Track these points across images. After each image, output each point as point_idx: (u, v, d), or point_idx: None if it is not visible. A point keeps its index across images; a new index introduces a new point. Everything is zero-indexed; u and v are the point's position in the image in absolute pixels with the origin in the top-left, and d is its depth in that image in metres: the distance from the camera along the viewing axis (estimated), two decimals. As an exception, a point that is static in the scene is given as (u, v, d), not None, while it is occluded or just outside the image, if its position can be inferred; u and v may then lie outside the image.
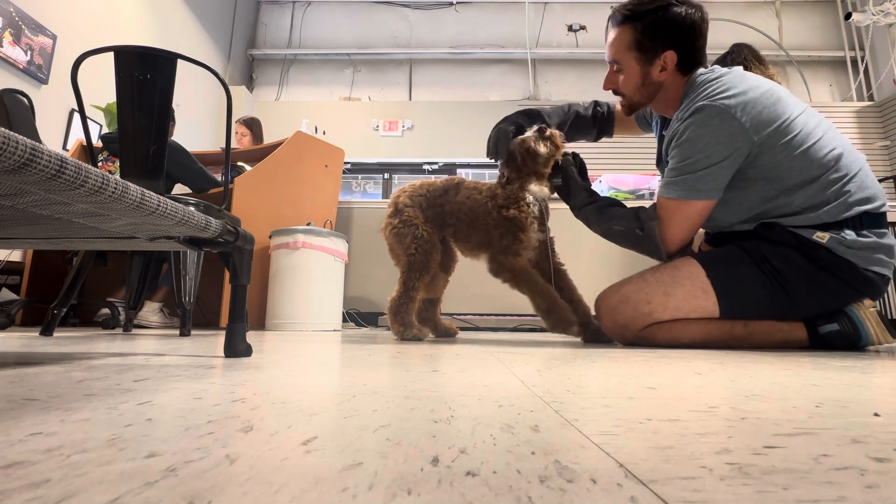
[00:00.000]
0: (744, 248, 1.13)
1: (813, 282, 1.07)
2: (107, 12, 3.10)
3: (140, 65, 1.33)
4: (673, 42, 1.13)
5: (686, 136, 1.09)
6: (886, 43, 4.51)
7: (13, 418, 0.32)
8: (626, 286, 1.19)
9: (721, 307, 1.11)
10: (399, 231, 1.48)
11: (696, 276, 1.12)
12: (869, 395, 0.45)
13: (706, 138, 1.06)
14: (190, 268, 1.60)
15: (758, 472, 0.23)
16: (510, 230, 1.32)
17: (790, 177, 1.07)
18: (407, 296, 1.42)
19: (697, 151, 1.08)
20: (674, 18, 1.11)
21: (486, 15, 5.13)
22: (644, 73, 1.17)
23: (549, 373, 0.61)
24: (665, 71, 1.15)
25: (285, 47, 5.10)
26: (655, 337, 1.15)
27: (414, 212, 1.50)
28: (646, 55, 1.15)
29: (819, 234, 1.05)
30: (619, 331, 1.19)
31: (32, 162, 0.41)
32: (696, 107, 1.07)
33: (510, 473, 0.22)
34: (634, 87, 1.20)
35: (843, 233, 1.05)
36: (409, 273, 1.43)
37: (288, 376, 0.56)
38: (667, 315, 1.13)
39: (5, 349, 0.90)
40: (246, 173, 2.34)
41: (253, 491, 0.20)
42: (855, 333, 1.07)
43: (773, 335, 1.12)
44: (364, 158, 4.68)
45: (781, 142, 1.05)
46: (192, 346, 1.04)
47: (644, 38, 1.13)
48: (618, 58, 1.18)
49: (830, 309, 1.10)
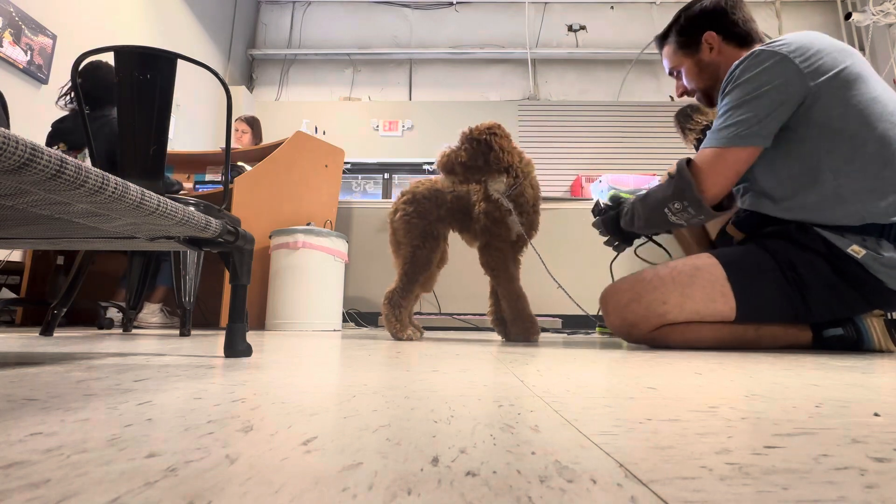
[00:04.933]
0: (769, 249, 1.08)
1: (833, 292, 1.03)
2: (107, 12, 3.09)
3: (140, 64, 1.33)
4: (707, 25, 1.18)
5: (737, 78, 1.04)
6: (886, 43, 4.51)
7: (13, 418, 0.32)
8: (639, 283, 1.12)
9: (738, 312, 1.07)
10: (410, 220, 1.45)
11: (716, 280, 1.07)
12: (869, 395, 0.45)
13: (758, 79, 1.01)
14: (190, 268, 1.60)
15: (758, 472, 0.23)
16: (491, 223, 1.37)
17: (842, 140, 0.99)
18: (407, 289, 1.41)
19: (747, 94, 1.01)
20: (697, 12, 1.20)
21: (486, 15, 5.13)
22: (696, 60, 1.22)
23: (549, 373, 0.61)
24: (714, 49, 1.19)
25: (285, 47, 5.10)
26: (667, 338, 1.10)
27: (430, 206, 1.48)
28: (690, 48, 1.22)
29: (855, 248, 1.00)
30: (627, 329, 1.13)
31: (32, 162, 0.41)
32: (752, 51, 1.05)
33: (510, 473, 0.22)
34: (695, 76, 1.24)
35: (882, 247, 0.99)
36: (411, 266, 1.41)
37: (288, 376, 0.56)
38: (682, 317, 1.08)
39: (5, 349, 0.90)
40: (246, 173, 2.34)
41: (253, 491, 0.20)
42: (858, 339, 1.06)
43: (781, 338, 1.10)
44: (364, 158, 4.68)
45: (840, 90, 0.99)
46: (192, 346, 1.04)
47: (682, 38, 1.23)
48: (674, 64, 1.27)
49: (841, 317, 1.08)
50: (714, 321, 1.09)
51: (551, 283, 1.49)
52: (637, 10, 5.08)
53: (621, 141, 4.63)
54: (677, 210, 1.08)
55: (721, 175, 1.05)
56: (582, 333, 2.00)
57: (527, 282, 1.43)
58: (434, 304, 2.61)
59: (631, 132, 4.62)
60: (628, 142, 4.61)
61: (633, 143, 4.58)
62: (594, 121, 4.69)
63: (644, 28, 4.92)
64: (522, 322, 1.36)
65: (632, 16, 5.05)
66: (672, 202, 1.08)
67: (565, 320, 2.47)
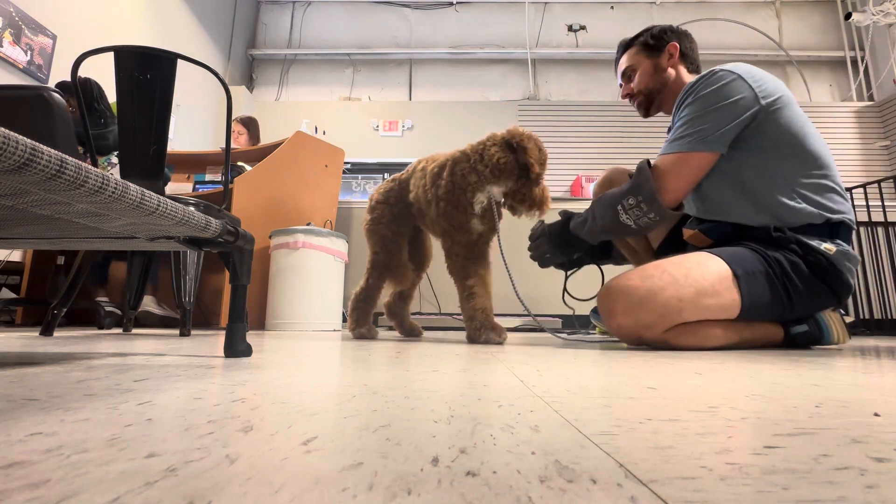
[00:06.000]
0: (756, 249, 1.10)
1: (811, 290, 1.09)
2: (107, 12, 3.10)
3: (140, 64, 1.33)
4: (674, 38, 1.32)
5: (697, 91, 1.12)
6: (886, 43, 4.51)
7: (13, 418, 0.32)
8: (650, 280, 1.05)
9: (742, 309, 1.06)
10: (368, 229, 1.58)
11: (724, 277, 1.05)
12: (869, 395, 0.45)
13: (719, 93, 1.09)
14: (190, 268, 1.60)
15: (758, 472, 0.23)
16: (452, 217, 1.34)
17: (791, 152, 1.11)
18: (367, 292, 1.53)
19: (708, 105, 1.10)
20: (665, 27, 1.36)
21: (486, 15, 5.13)
22: (655, 63, 1.33)
23: (549, 373, 0.61)
24: (672, 59, 1.31)
25: (285, 47, 5.10)
26: (679, 339, 1.05)
27: (382, 209, 1.56)
28: (653, 51, 1.33)
29: (827, 246, 1.08)
30: (639, 332, 1.05)
31: (32, 162, 0.41)
32: (710, 70, 1.14)
33: (510, 473, 0.22)
34: (650, 76, 1.34)
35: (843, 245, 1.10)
36: (371, 271, 1.53)
37: (288, 376, 0.56)
38: (696, 315, 1.04)
39: (5, 349, 0.90)
40: (246, 173, 2.34)
41: (253, 491, 0.20)
42: (819, 334, 1.14)
43: (764, 337, 1.14)
44: (364, 158, 4.68)
45: (784, 110, 1.10)
46: (192, 346, 1.04)
47: (650, 40, 1.34)
48: (632, 63, 1.36)
49: (814, 313, 1.15)
50: (721, 319, 1.08)
51: (551, 283, 1.49)
52: (637, 10, 5.09)
53: (621, 141, 4.63)
54: (630, 206, 1.13)
55: (681, 178, 1.12)
56: (582, 333, 2.00)
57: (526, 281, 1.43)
58: (434, 304, 2.61)
59: (631, 132, 4.62)
60: (628, 142, 4.61)
61: (633, 143, 4.58)
62: (594, 121, 4.69)
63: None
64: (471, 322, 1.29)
65: (632, 16, 5.06)
66: (627, 198, 1.14)
67: (565, 320, 2.47)
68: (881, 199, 2.62)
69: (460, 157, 1.35)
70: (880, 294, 2.60)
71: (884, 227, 2.64)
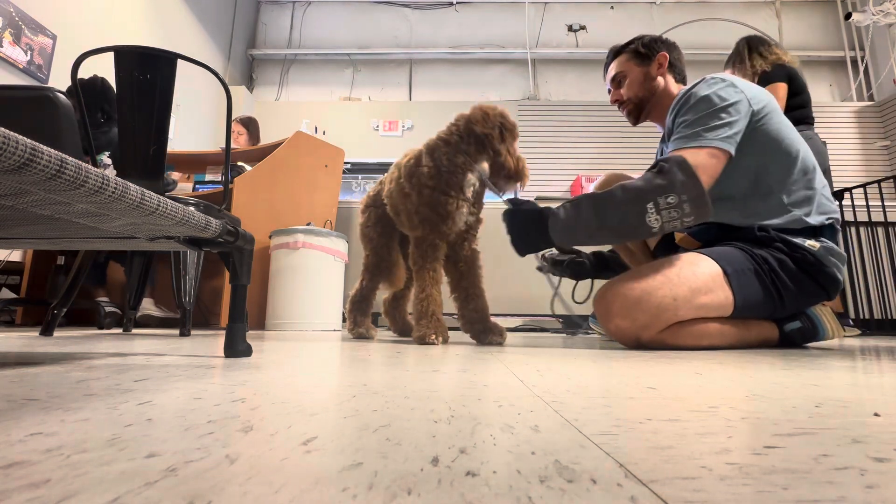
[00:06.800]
0: (742, 248, 1.13)
1: (800, 285, 1.12)
2: (107, 12, 3.10)
3: (140, 65, 1.33)
4: (664, 48, 1.34)
5: (694, 97, 1.12)
6: (886, 43, 4.51)
7: (13, 418, 0.32)
8: (644, 280, 1.05)
9: (735, 306, 1.08)
10: (360, 231, 1.60)
11: (716, 274, 1.07)
12: (869, 395, 0.45)
13: (716, 96, 1.10)
14: (190, 268, 1.60)
15: (758, 472, 0.23)
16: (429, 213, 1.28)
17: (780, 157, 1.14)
18: (362, 294, 1.56)
19: (708, 106, 1.09)
20: (655, 37, 1.37)
21: (486, 15, 5.13)
22: (645, 71, 1.34)
23: (549, 373, 0.61)
24: (661, 68, 1.32)
25: (285, 47, 5.10)
26: (676, 339, 1.06)
27: (370, 212, 1.58)
28: (644, 60, 1.34)
29: (811, 243, 1.12)
30: (637, 332, 1.05)
31: (32, 162, 0.41)
32: (703, 78, 1.16)
33: (510, 473, 0.22)
34: (639, 84, 1.34)
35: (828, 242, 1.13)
36: (364, 273, 1.57)
37: (288, 376, 0.56)
38: (691, 313, 1.05)
39: (5, 349, 0.90)
40: (246, 173, 2.34)
41: (253, 491, 0.20)
42: (813, 330, 1.17)
43: (759, 335, 1.15)
44: (364, 158, 4.68)
45: (771, 116, 1.14)
46: (192, 346, 1.04)
47: (641, 49, 1.35)
48: (622, 69, 1.36)
49: (804, 309, 1.18)
50: (715, 317, 1.10)
51: (550, 283, 1.49)
52: (637, 10, 5.09)
53: (621, 141, 4.63)
54: (669, 205, 0.98)
55: (710, 176, 1.04)
56: (581, 333, 2.00)
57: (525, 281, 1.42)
58: (434, 304, 2.60)
59: (631, 132, 4.62)
60: (628, 142, 4.61)
61: (634, 143, 4.58)
62: (594, 121, 4.69)
63: (644, 28, 4.91)
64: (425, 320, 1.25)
65: (632, 16, 5.06)
66: (666, 195, 0.98)
67: (565, 321, 2.47)
68: (881, 199, 2.62)
69: (436, 143, 1.30)
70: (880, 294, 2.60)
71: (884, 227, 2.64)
